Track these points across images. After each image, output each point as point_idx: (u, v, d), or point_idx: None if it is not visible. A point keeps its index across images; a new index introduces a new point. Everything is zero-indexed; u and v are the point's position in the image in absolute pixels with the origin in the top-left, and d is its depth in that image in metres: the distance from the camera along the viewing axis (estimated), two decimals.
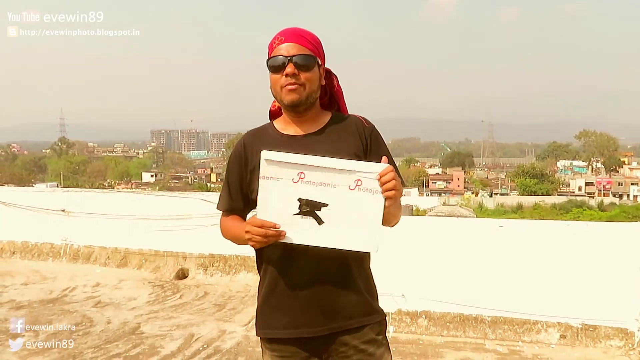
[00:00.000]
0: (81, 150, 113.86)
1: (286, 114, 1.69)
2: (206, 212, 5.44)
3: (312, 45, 1.65)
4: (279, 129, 1.71)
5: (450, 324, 3.91)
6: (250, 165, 1.67)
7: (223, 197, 1.77)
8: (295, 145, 1.63)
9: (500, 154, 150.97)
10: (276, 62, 1.61)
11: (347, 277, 1.63)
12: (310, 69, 1.62)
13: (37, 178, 70.73)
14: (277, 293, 1.65)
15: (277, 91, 1.63)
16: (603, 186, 69.32)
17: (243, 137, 1.75)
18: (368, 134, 1.70)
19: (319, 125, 1.69)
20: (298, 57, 1.60)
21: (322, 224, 1.51)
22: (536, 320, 3.76)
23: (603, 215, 39.65)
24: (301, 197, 1.51)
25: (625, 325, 3.61)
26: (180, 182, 76.15)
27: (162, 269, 5.64)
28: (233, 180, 1.73)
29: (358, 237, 1.51)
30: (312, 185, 1.52)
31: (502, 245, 3.94)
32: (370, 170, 1.51)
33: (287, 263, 1.62)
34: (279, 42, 1.62)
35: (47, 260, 6.11)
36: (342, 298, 1.62)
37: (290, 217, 1.51)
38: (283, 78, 1.60)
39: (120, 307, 4.66)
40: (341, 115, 1.76)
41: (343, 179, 1.51)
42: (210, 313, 4.48)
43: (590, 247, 3.75)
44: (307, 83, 1.62)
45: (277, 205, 1.52)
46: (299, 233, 1.51)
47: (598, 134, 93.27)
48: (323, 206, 1.51)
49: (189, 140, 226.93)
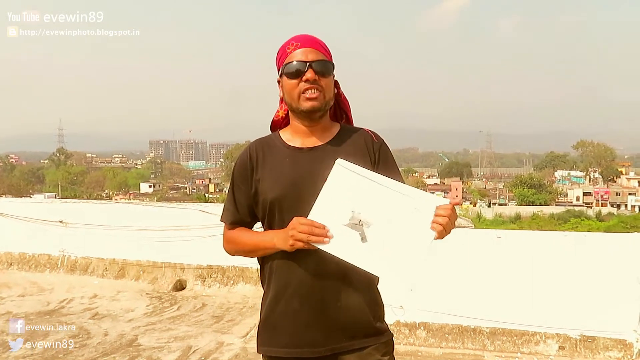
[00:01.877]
0: (79, 160, 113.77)
1: (297, 122, 1.63)
2: (204, 223, 5.44)
3: (327, 52, 1.62)
4: (285, 140, 1.65)
5: (448, 335, 3.90)
6: (257, 176, 1.62)
7: (228, 209, 1.69)
8: (301, 159, 1.60)
9: (498, 164, 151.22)
10: (294, 68, 1.56)
11: (354, 295, 1.58)
12: (328, 75, 1.59)
13: (35, 189, 70.56)
14: (280, 309, 1.60)
15: (293, 98, 1.58)
16: (601, 196, 69.39)
17: (249, 147, 1.69)
18: (377, 148, 1.65)
19: (327, 137, 1.64)
20: (317, 62, 1.56)
21: (365, 242, 1.47)
22: (535, 332, 3.76)
23: (601, 226, 39.64)
24: (355, 210, 1.48)
25: (624, 337, 3.60)
26: (179, 193, 76.06)
27: (159, 280, 5.62)
28: (239, 191, 1.66)
29: (396, 268, 1.46)
30: (370, 202, 1.48)
31: (500, 256, 3.94)
32: (430, 202, 1.47)
33: (292, 278, 1.57)
34: (294, 47, 1.58)
35: (44, 272, 6.09)
36: (346, 317, 1.58)
37: (339, 226, 1.48)
38: (302, 84, 1.55)
39: (117, 318, 4.64)
40: (350, 127, 1.72)
41: (401, 203, 1.48)
42: (208, 325, 4.46)
43: (588, 258, 3.75)
44: (326, 89, 1.58)
45: (331, 211, 1.48)
46: (339, 245, 1.47)
47: (595, 144, 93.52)
48: (373, 225, 1.47)
49: (187, 150, 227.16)
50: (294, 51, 1.58)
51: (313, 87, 1.55)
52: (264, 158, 1.63)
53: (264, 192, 1.60)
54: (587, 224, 41.34)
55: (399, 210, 1.47)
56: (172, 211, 6.10)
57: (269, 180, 1.60)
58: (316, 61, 1.56)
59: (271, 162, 1.62)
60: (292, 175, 1.58)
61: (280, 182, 1.58)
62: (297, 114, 1.61)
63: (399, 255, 1.46)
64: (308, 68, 1.55)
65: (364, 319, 1.60)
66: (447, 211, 1.45)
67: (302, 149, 1.62)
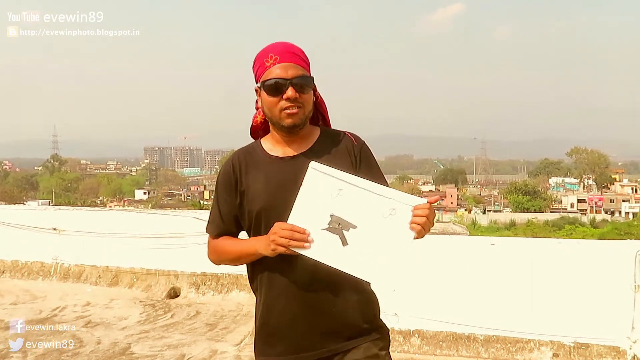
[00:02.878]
0: (74, 167, 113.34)
1: (277, 133, 1.64)
2: (198, 230, 5.42)
3: (305, 63, 1.61)
4: (266, 149, 1.66)
5: (443, 342, 3.89)
6: (241, 187, 1.63)
7: (214, 221, 1.70)
8: (283, 168, 1.61)
9: (493, 171, 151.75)
10: (274, 85, 1.55)
11: (347, 297, 1.59)
12: (309, 90, 1.59)
13: (29, 195, 70.23)
14: (274, 317, 1.61)
15: (274, 114, 1.58)
16: (595, 203, 69.72)
17: (231, 158, 1.70)
18: (357, 151, 1.66)
19: (308, 143, 1.65)
20: (298, 79, 1.56)
21: (346, 245, 1.47)
22: (529, 339, 3.76)
23: (595, 232, 39.82)
24: (334, 213, 1.49)
25: (618, 344, 3.60)
26: (174, 200, 75.84)
27: (153, 287, 5.59)
28: (223, 202, 1.67)
29: (378, 271, 1.47)
30: (348, 205, 1.49)
31: (494, 263, 3.94)
32: (407, 202, 1.48)
33: (284, 285, 1.58)
34: (273, 62, 1.57)
35: (37, 280, 6.05)
36: (342, 320, 1.59)
37: (318, 230, 1.48)
38: (283, 102, 1.55)
39: (110, 326, 4.61)
40: (330, 131, 1.72)
41: (378, 205, 1.48)
42: (201, 332, 4.44)
43: (582, 265, 3.76)
44: (305, 104, 1.59)
45: (309, 216, 1.49)
46: (320, 249, 1.48)
47: (589, 151, 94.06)
48: (352, 227, 1.48)
49: (182, 157, 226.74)
50: (272, 66, 1.56)
51: (294, 105, 1.55)
52: (247, 168, 1.64)
53: (249, 202, 1.61)
54: (582, 231, 41.52)
55: (376, 212, 1.48)
56: (166, 218, 6.08)
57: (253, 191, 1.61)
58: (296, 77, 1.55)
59: (254, 172, 1.63)
60: (275, 185, 1.59)
61: (264, 193, 1.59)
62: (278, 128, 1.62)
63: (380, 257, 1.47)
64: (289, 86, 1.54)
65: (360, 319, 1.61)
66: (425, 211, 1.46)
67: (284, 158, 1.63)
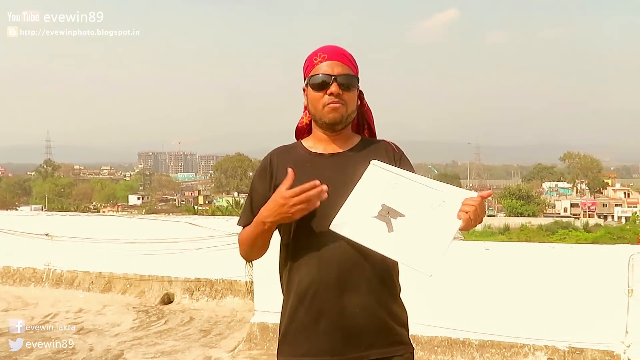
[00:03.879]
0: (67, 172, 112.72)
1: (319, 131, 1.68)
2: (193, 236, 5.40)
3: (353, 65, 1.66)
4: (307, 147, 1.69)
5: (437, 348, 3.88)
6: (275, 182, 1.63)
7: (245, 213, 1.71)
8: (322, 163, 1.64)
9: (487, 175, 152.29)
10: (319, 80, 1.60)
11: (374, 304, 1.58)
12: (352, 89, 1.63)
13: (22, 201, 69.75)
14: (299, 318, 1.60)
15: (317, 109, 1.62)
16: (588, 207, 70.08)
17: (270, 153, 1.72)
18: (398, 158, 1.68)
19: (349, 145, 1.68)
20: (342, 76, 1.60)
21: (392, 231, 1.50)
22: (523, 344, 3.76)
23: (589, 237, 39.97)
24: (385, 203, 1.53)
25: (612, 348, 3.61)
26: (168, 205, 75.52)
27: (147, 293, 5.56)
28: (257, 196, 1.67)
29: (419, 255, 1.49)
30: (400, 196, 1.53)
31: (488, 268, 3.95)
32: (458, 195, 1.50)
33: (311, 286, 1.57)
34: (321, 60, 1.62)
35: (29, 286, 6.00)
36: (366, 326, 1.57)
37: (368, 217, 1.52)
38: (326, 97, 1.60)
39: (103, 333, 4.57)
40: (371, 139, 1.76)
41: (429, 196, 1.52)
42: (195, 339, 4.41)
43: (575, 270, 3.77)
44: (348, 102, 1.62)
45: (363, 205, 1.53)
46: (364, 233, 1.50)
47: (582, 156, 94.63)
48: (400, 216, 1.51)
49: (176, 162, 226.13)
50: (320, 63, 1.62)
51: (336, 100, 1.59)
52: (284, 163, 1.64)
53: None
54: (575, 235, 41.66)
55: (427, 203, 1.52)
56: (160, 224, 6.05)
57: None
58: (341, 75, 1.60)
59: (292, 166, 1.61)
60: (312, 179, 1.56)
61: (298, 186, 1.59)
62: (320, 124, 1.66)
63: (421, 243, 1.49)
64: (333, 81, 1.59)
65: (387, 327, 1.60)
66: (475, 201, 1.47)
67: (324, 154, 1.66)
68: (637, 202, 70.42)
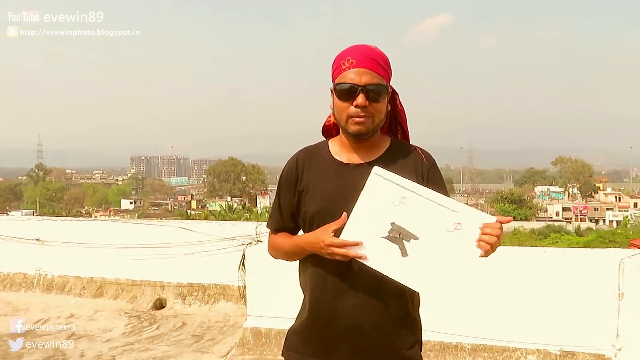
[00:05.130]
0: (58, 176, 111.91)
1: (345, 138, 1.61)
2: (185, 240, 5.38)
3: (384, 71, 1.55)
4: (333, 152, 1.63)
5: (430, 352, 3.89)
6: (300, 186, 1.61)
7: (273, 216, 1.70)
8: (346, 174, 1.58)
9: (480, 180, 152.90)
10: (345, 89, 1.51)
11: (388, 319, 1.55)
12: (381, 100, 1.53)
13: (12, 205, 69.21)
14: (313, 319, 1.59)
15: (342, 118, 1.55)
16: (580, 211, 70.54)
17: (297, 155, 1.67)
18: (426, 170, 1.60)
19: (375, 153, 1.61)
20: (371, 86, 1.50)
21: (406, 257, 1.41)
22: (515, 347, 3.77)
23: (580, 240, 40.19)
24: (395, 222, 1.43)
25: (603, 351, 3.63)
26: (160, 209, 75.18)
27: (139, 298, 5.52)
28: (284, 199, 1.66)
29: (439, 286, 1.42)
30: (410, 214, 1.43)
31: (480, 272, 3.96)
32: (475, 218, 1.42)
33: (328, 292, 1.56)
34: (349, 66, 1.52)
35: (19, 291, 5.94)
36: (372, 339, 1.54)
37: (377, 238, 1.43)
38: (352, 108, 1.51)
39: (94, 339, 4.54)
40: (401, 144, 1.67)
41: (443, 217, 1.42)
42: (188, 344, 4.39)
43: (566, 274, 3.79)
44: (375, 114, 1.53)
45: (369, 223, 1.44)
46: (378, 258, 1.42)
47: (573, 160, 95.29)
48: (413, 238, 1.42)
49: (169, 166, 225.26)
50: (348, 69, 1.52)
51: (362, 114, 1.51)
52: (309, 168, 1.62)
53: (306, 204, 1.60)
54: (567, 239, 41.88)
55: (441, 225, 1.42)
56: (152, 228, 6.02)
57: (311, 192, 1.60)
58: (370, 85, 1.50)
59: (316, 174, 1.61)
60: (335, 190, 1.57)
61: (322, 196, 1.58)
62: (345, 133, 1.60)
63: (442, 272, 1.41)
64: (360, 92, 1.49)
65: (393, 346, 1.56)
66: (496, 230, 1.41)
67: (348, 164, 1.60)
68: (628, 206, 70.99)
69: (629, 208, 68.86)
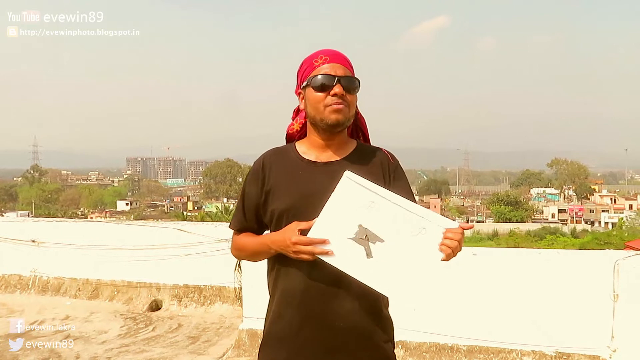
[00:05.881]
0: (54, 178, 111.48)
1: (315, 135, 1.65)
2: (181, 242, 5.37)
3: (352, 69, 1.65)
4: (300, 152, 1.66)
5: (426, 353, 3.89)
6: (267, 186, 1.63)
7: (236, 216, 1.71)
8: (314, 172, 1.61)
9: (476, 181, 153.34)
10: (322, 81, 1.58)
11: (359, 314, 1.56)
12: (354, 92, 1.62)
13: (8, 207, 68.97)
14: (281, 323, 1.59)
15: (319, 110, 1.59)
16: (575, 213, 70.75)
17: (263, 156, 1.70)
18: (392, 169, 1.66)
19: (343, 153, 1.66)
20: (345, 78, 1.59)
21: (371, 258, 1.45)
22: (511, 349, 3.78)
23: (576, 242, 40.34)
24: (362, 224, 1.47)
25: (598, 353, 3.64)
26: (156, 211, 74.99)
27: (134, 300, 5.51)
28: (248, 200, 1.68)
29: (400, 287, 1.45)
30: (377, 218, 1.47)
31: (476, 273, 3.97)
32: (440, 223, 1.47)
33: (296, 291, 1.56)
34: (322, 61, 1.61)
35: (14, 293, 5.92)
36: (349, 336, 1.56)
37: (344, 239, 1.47)
38: (329, 98, 1.57)
39: (90, 340, 4.52)
40: (367, 146, 1.73)
41: (409, 222, 1.47)
42: (183, 346, 4.38)
43: (562, 275, 3.81)
44: (350, 105, 1.61)
45: (336, 224, 1.47)
46: (343, 258, 1.46)
47: (569, 162, 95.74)
48: (379, 241, 1.46)
49: (165, 168, 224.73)
50: (321, 65, 1.61)
51: (340, 101, 1.58)
52: (277, 168, 1.64)
53: (274, 202, 1.61)
54: (563, 241, 42.03)
55: (406, 229, 1.47)
56: (148, 230, 6.01)
57: (279, 190, 1.61)
58: (345, 77, 1.59)
59: (284, 173, 1.63)
60: (303, 187, 1.59)
61: (291, 194, 1.59)
62: (318, 127, 1.62)
63: (404, 275, 1.45)
64: (336, 83, 1.58)
65: (367, 342, 1.58)
66: (457, 235, 1.46)
67: (317, 162, 1.63)
68: (623, 208, 71.26)
69: (624, 210, 69.10)
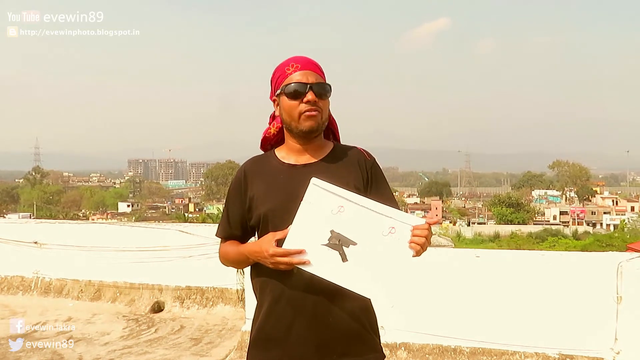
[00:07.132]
0: (56, 179, 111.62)
1: (292, 141, 1.69)
2: (183, 244, 5.37)
3: (324, 75, 1.70)
4: (280, 157, 1.71)
5: (429, 355, 3.89)
6: (250, 193, 1.67)
7: (222, 225, 1.77)
8: (294, 174, 1.65)
9: (477, 183, 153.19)
10: (294, 89, 1.62)
11: (346, 311, 1.60)
12: (326, 97, 1.66)
13: (10, 208, 69.07)
14: (270, 322, 1.63)
15: (293, 117, 1.64)
16: (577, 215, 70.63)
17: (244, 165, 1.75)
18: (369, 167, 1.71)
19: (321, 154, 1.70)
20: (317, 85, 1.63)
21: (346, 261, 1.50)
22: (514, 351, 3.77)
23: (578, 244, 40.26)
24: (334, 229, 1.51)
25: (601, 355, 3.63)
26: (158, 212, 75.02)
27: (137, 302, 5.51)
28: (232, 208, 1.73)
29: (377, 287, 1.49)
30: (348, 222, 1.52)
31: (479, 275, 3.97)
32: (407, 221, 1.52)
33: (284, 291, 1.59)
34: (294, 69, 1.64)
35: (16, 294, 5.92)
36: (338, 333, 1.59)
37: (318, 246, 1.51)
38: (302, 105, 1.61)
39: (92, 342, 4.52)
40: (343, 146, 1.78)
41: (378, 223, 1.52)
42: (186, 347, 4.38)
43: (565, 277, 3.80)
44: (323, 110, 1.65)
45: (309, 232, 1.51)
46: (320, 264, 1.50)
47: (570, 164, 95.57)
48: (352, 244, 1.51)
49: (167, 169, 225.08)
50: (293, 72, 1.64)
51: (313, 108, 1.62)
52: (258, 175, 1.68)
53: (259, 207, 1.65)
54: (565, 243, 41.95)
55: (376, 230, 1.51)
56: (150, 231, 6.01)
57: (263, 195, 1.65)
58: (316, 84, 1.63)
59: (265, 178, 1.68)
60: (285, 189, 1.64)
61: (274, 197, 1.64)
62: (295, 133, 1.67)
63: (379, 274, 1.49)
64: (309, 90, 1.61)
65: (357, 335, 1.62)
66: (424, 231, 1.51)
67: (296, 165, 1.68)
68: (625, 209, 71.16)
69: (626, 212, 68.98)
